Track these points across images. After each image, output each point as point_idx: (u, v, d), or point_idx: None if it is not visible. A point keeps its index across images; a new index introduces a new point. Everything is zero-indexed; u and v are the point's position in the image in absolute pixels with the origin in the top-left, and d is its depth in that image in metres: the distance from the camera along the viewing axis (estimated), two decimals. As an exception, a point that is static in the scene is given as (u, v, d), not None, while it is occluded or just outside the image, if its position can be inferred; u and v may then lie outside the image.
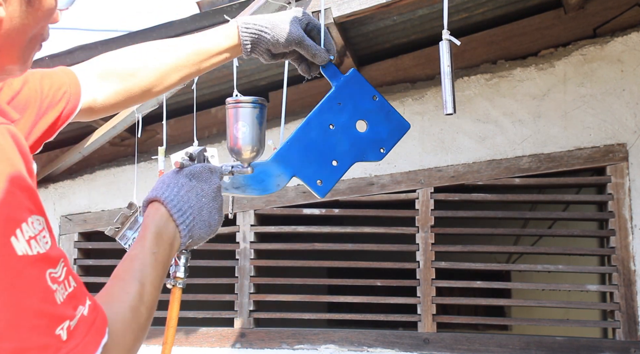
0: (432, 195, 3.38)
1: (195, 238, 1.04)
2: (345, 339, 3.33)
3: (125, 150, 3.73)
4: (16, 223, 0.69)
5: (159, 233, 0.98)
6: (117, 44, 2.97)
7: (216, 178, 1.09)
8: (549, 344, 3.21)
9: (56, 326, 0.69)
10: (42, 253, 0.70)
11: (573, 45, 3.40)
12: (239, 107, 1.12)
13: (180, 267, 1.12)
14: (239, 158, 1.15)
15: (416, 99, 3.50)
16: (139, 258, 0.93)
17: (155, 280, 0.92)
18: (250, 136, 1.13)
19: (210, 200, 1.06)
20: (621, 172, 3.26)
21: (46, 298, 0.69)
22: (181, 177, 1.05)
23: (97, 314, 0.76)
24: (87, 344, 0.73)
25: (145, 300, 0.88)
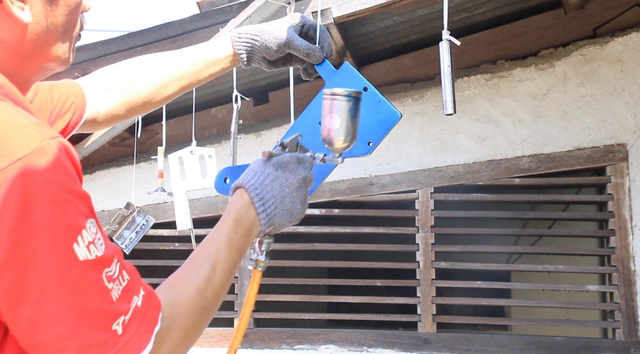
0: (432, 195, 3.38)
1: (276, 226, 1.08)
2: (345, 339, 3.33)
3: (125, 150, 3.73)
4: (77, 231, 0.74)
5: (238, 219, 1.02)
6: (117, 44, 2.97)
7: (303, 169, 1.11)
8: (549, 344, 3.21)
9: (112, 323, 0.76)
10: (100, 256, 0.76)
11: (573, 45, 3.40)
12: (334, 100, 1.14)
13: (262, 252, 1.17)
14: (331, 148, 1.17)
15: (416, 99, 3.50)
16: (215, 241, 0.97)
17: (228, 265, 0.96)
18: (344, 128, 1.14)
19: (294, 190, 1.09)
20: (621, 172, 3.26)
21: (104, 298, 0.76)
22: (269, 166, 1.08)
23: (150, 304, 0.82)
24: (141, 335, 0.79)
25: (214, 284, 0.92)
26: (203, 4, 2.96)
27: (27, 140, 0.74)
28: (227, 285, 0.96)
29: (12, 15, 0.82)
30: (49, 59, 0.88)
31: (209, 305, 0.92)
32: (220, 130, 3.60)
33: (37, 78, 0.91)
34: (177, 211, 2.50)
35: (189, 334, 0.88)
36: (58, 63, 0.90)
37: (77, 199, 0.76)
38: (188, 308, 0.88)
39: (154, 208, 3.52)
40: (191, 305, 0.88)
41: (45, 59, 0.88)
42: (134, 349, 0.78)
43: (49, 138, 0.75)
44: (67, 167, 0.76)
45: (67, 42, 0.90)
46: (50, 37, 0.87)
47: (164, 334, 0.83)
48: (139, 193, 3.11)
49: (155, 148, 3.12)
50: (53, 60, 0.89)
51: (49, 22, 0.85)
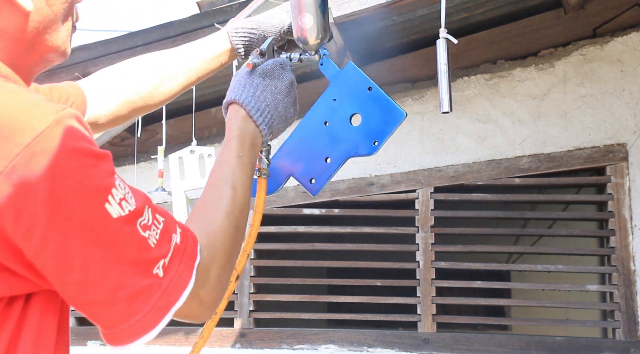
0: (432, 195, 3.38)
1: (275, 132, 1.12)
2: (345, 339, 3.33)
3: (125, 150, 3.73)
4: (107, 191, 0.78)
5: (242, 135, 1.05)
6: (117, 44, 2.97)
7: (287, 73, 1.14)
8: (549, 344, 3.21)
9: (153, 267, 0.81)
10: (132, 210, 0.80)
11: (573, 45, 3.40)
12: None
13: (263, 159, 1.18)
14: (306, 46, 1.21)
15: (416, 99, 3.50)
16: (227, 163, 1.01)
17: (245, 182, 1.01)
18: (315, 24, 1.18)
19: (284, 96, 1.12)
20: (621, 172, 3.26)
21: (142, 247, 0.80)
22: (255, 76, 1.11)
23: (187, 239, 0.86)
24: (181, 273, 0.84)
25: (238, 202, 0.97)
26: (203, 4, 2.96)
27: (44, 114, 0.76)
28: (249, 201, 1.01)
29: (14, 4, 0.84)
30: (49, 49, 0.90)
31: (240, 223, 0.97)
32: (220, 130, 3.60)
33: (38, 69, 0.93)
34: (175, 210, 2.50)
35: (230, 254, 0.93)
36: (58, 54, 0.92)
37: (101, 160, 0.79)
38: (223, 231, 0.93)
39: (154, 208, 3.52)
40: (225, 228, 0.94)
41: (46, 49, 0.90)
42: (177, 287, 0.83)
43: (61, 109, 0.78)
44: (84, 133, 0.79)
45: (66, 32, 0.92)
46: (51, 26, 0.89)
47: (209, 263, 0.88)
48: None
49: (156, 147, 3.12)
50: (53, 50, 0.91)
51: (49, 10, 0.87)
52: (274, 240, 3.61)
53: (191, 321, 0.90)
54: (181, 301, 0.83)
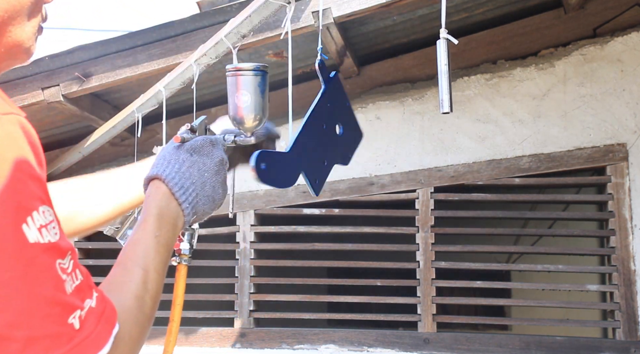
0: (432, 195, 3.38)
1: (200, 214, 1.02)
2: (345, 339, 3.33)
3: (125, 150, 3.73)
4: (27, 211, 0.69)
5: (160, 214, 0.95)
6: (117, 44, 2.97)
7: (219, 151, 1.06)
8: (549, 344, 3.21)
9: (68, 315, 0.70)
10: (53, 243, 0.70)
11: (573, 45, 3.40)
12: (240, 75, 1.09)
13: (185, 243, 1.11)
14: (242, 127, 1.12)
15: (416, 99, 3.50)
16: (141, 242, 0.91)
17: (159, 266, 0.90)
18: (253, 104, 1.10)
19: (213, 174, 1.03)
20: (621, 171, 3.26)
21: (58, 286, 0.69)
22: (182, 152, 1.03)
23: (105, 305, 0.76)
24: (99, 333, 0.73)
25: (150, 288, 0.86)
26: (203, 4, 2.96)
27: None
28: (161, 288, 0.90)
29: None
30: (13, 43, 0.84)
31: (149, 311, 0.86)
32: (220, 130, 3.60)
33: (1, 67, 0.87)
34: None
35: (135, 344, 0.81)
36: (21, 51, 0.86)
37: (30, 180, 0.70)
38: (131, 315, 0.81)
39: (154, 208, 3.52)
40: (133, 314, 0.82)
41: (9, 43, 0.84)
42: (92, 346, 0.71)
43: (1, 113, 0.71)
44: (21, 145, 0.71)
45: (32, 29, 0.86)
46: (16, 17, 0.84)
47: (118, 342, 0.76)
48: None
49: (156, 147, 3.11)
50: (17, 45, 0.85)
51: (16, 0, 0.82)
52: (274, 240, 3.61)
53: None
54: None
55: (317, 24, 2.53)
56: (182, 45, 2.84)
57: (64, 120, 3.37)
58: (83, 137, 3.39)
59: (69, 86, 3.02)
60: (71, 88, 3.01)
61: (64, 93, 3.03)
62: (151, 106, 2.84)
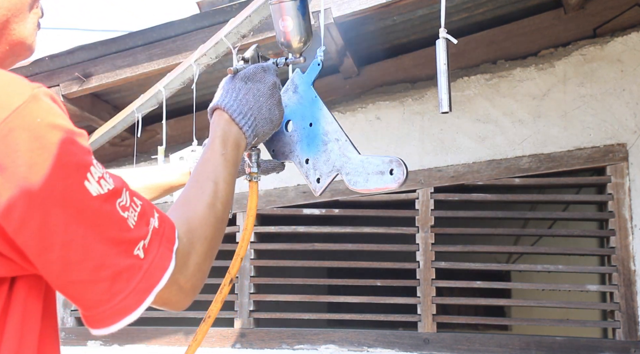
0: (432, 195, 3.38)
1: (260, 135, 1.14)
2: (345, 339, 3.33)
3: (125, 150, 3.73)
4: (86, 168, 0.77)
5: (225, 136, 1.08)
6: (117, 44, 2.97)
7: (270, 75, 1.16)
8: (549, 344, 3.21)
9: (134, 248, 0.81)
10: (111, 189, 0.80)
11: (573, 45, 3.40)
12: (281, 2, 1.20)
13: (253, 163, 1.22)
14: (290, 49, 1.23)
15: (416, 99, 3.50)
16: (210, 160, 1.04)
17: (227, 177, 1.03)
18: (297, 27, 1.21)
19: (267, 98, 1.14)
20: (621, 172, 3.26)
21: (122, 227, 0.80)
22: (237, 81, 1.14)
23: (165, 224, 0.86)
24: (162, 255, 0.84)
25: (220, 196, 0.99)
26: (203, 4, 2.96)
27: (19, 90, 0.76)
28: (231, 196, 1.03)
29: None
30: (17, 40, 0.90)
31: (221, 215, 0.98)
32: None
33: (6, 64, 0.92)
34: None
35: (210, 243, 0.94)
36: (24, 48, 0.91)
37: (79, 137, 0.78)
38: (204, 220, 0.94)
39: (154, 208, 3.53)
40: (206, 217, 0.95)
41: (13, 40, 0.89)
42: (158, 269, 0.82)
43: (36, 87, 0.78)
44: (61, 110, 0.79)
45: (32, 25, 0.91)
46: (19, 14, 0.89)
47: (188, 249, 0.89)
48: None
49: (156, 147, 3.12)
50: (20, 41, 0.90)
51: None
52: (274, 240, 3.61)
53: (169, 309, 0.89)
54: (162, 283, 0.83)
55: (317, 24, 2.53)
56: (182, 45, 2.84)
57: (64, 120, 3.37)
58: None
59: (69, 86, 3.02)
60: (71, 88, 3.02)
61: (64, 94, 3.03)
62: (151, 106, 2.84)
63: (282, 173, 1.39)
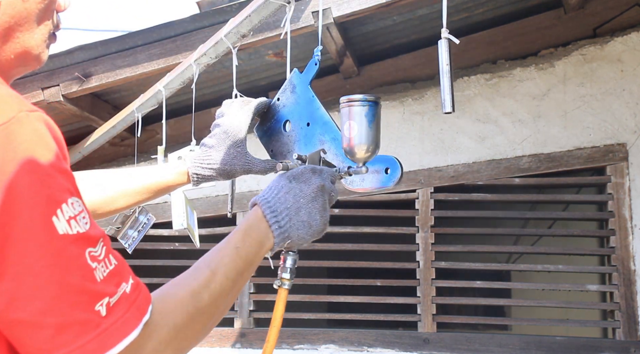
0: (432, 195, 3.38)
1: (295, 239, 1.06)
2: (345, 339, 3.33)
3: (125, 150, 3.73)
4: (57, 204, 0.72)
5: (248, 230, 1.01)
6: (117, 44, 2.97)
7: (318, 178, 1.08)
8: (549, 344, 3.21)
9: (95, 303, 0.73)
10: (82, 233, 0.74)
11: (573, 45, 3.40)
12: (351, 106, 1.10)
13: (286, 268, 1.14)
14: (353, 158, 1.14)
15: (416, 99, 3.50)
16: (220, 250, 0.96)
17: (231, 272, 0.94)
18: (363, 135, 1.11)
19: (309, 201, 1.06)
20: (621, 171, 3.26)
21: (86, 275, 0.73)
22: (282, 179, 1.07)
23: (139, 293, 0.78)
24: (127, 320, 0.75)
25: (212, 288, 0.90)
26: (203, 4, 2.96)
27: (6, 110, 0.73)
28: (228, 292, 0.93)
29: None
30: (22, 50, 0.87)
31: (205, 308, 0.88)
32: (220, 130, 3.59)
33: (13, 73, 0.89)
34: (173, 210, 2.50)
35: (179, 334, 0.83)
36: (31, 58, 0.88)
37: (58, 173, 0.74)
38: (180, 306, 0.84)
39: (154, 208, 3.52)
40: (184, 304, 0.85)
41: (18, 49, 0.86)
42: (118, 333, 0.74)
43: (27, 110, 0.74)
44: (47, 141, 0.74)
45: (42, 36, 0.89)
46: (24, 24, 0.86)
47: (152, 330, 0.79)
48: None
49: (155, 147, 3.12)
50: (26, 51, 0.87)
51: (23, 6, 0.84)
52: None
53: None
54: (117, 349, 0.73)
55: (317, 24, 2.53)
56: (182, 45, 2.84)
57: (64, 120, 3.37)
58: (83, 137, 3.39)
59: (69, 86, 3.02)
60: (71, 88, 3.02)
61: (64, 93, 3.03)
62: (151, 106, 2.84)
63: (285, 175, 1.38)
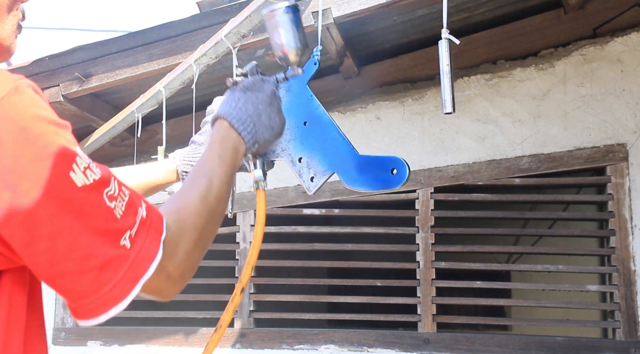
0: (432, 195, 3.38)
1: (261, 142, 1.16)
2: (345, 339, 3.33)
3: (125, 150, 3.73)
4: (71, 159, 0.78)
5: (223, 140, 1.10)
6: (117, 44, 2.97)
7: (269, 85, 1.20)
8: (549, 344, 3.21)
9: (120, 238, 0.81)
10: (98, 179, 0.80)
11: (573, 45, 3.40)
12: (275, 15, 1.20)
13: (258, 170, 1.23)
14: (288, 63, 1.23)
15: (416, 99, 3.50)
16: (206, 161, 1.06)
17: (222, 176, 1.04)
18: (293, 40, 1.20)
19: (267, 106, 1.17)
20: (621, 171, 3.26)
21: (108, 217, 0.80)
22: (236, 91, 1.18)
23: (153, 214, 0.87)
24: (149, 245, 0.84)
25: (214, 191, 1.00)
26: (203, 4, 2.96)
27: (1, 82, 0.76)
28: (225, 194, 1.03)
29: None
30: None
31: (214, 208, 0.98)
32: (220, 130, 3.59)
33: None
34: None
35: (201, 234, 0.94)
36: (3, 50, 0.91)
37: (63, 129, 0.79)
38: (194, 211, 0.94)
39: (154, 208, 3.53)
40: (197, 208, 0.95)
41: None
42: (145, 259, 0.83)
43: (18, 79, 0.78)
44: (43, 102, 0.79)
45: (11, 27, 0.91)
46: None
47: (177, 238, 0.89)
48: (139, 193, 3.11)
49: (156, 147, 3.12)
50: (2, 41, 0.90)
51: None
52: (274, 240, 3.61)
53: (158, 297, 0.89)
54: (149, 272, 0.83)
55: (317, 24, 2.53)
56: (182, 45, 2.84)
57: (64, 120, 3.37)
58: (83, 137, 3.39)
59: (69, 86, 3.02)
60: (71, 88, 3.01)
61: (64, 94, 3.03)
62: (151, 106, 2.84)
63: (282, 173, 1.39)
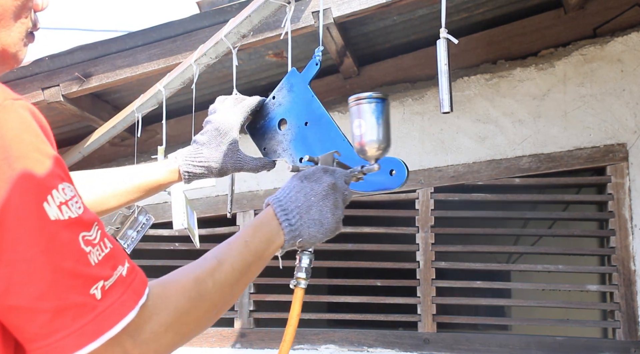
0: (432, 195, 3.38)
1: (306, 237, 1.07)
2: (345, 339, 3.33)
3: (125, 150, 3.73)
4: (47, 190, 0.72)
5: (258, 226, 1.02)
6: (117, 44, 2.97)
7: (328, 177, 1.10)
8: (549, 344, 3.21)
9: (90, 286, 0.73)
10: (75, 218, 0.74)
11: (573, 45, 3.40)
12: (359, 104, 1.11)
13: (301, 267, 1.15)
14: (365, 156, 1.13)
15: (416, 99, 3.50)
16: (229, 243, 0.97)
17: (238, 264, 0.95)
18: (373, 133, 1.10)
19: (320, 199, 1.08)
20: (621, 172, 3.26)
21: (79, 259, 0.73)
22: (295, 179, 1.10)
23: (135, 276, 0.79)
24: (124, 302, 0.76)
25: (217, 276, 0.90)
26: (203, 4, 2.96)
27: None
28: (234, 283, 0.94)
29: None
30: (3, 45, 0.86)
31: (209, 295, 0.88)
32: (220, 130, 3.59)
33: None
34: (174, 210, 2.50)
35: (180, 318, 0.83)
36: (8, 56, 0.88)
37: (47, 159, 0.74)
38: (182, 291, 0.84)
39: (154, 208, 3.53)
40: (186, 289, 0.85)
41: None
42: (114, 315, 0.74)
43: (12, 98, 0.74)
44: (34, 127, 0.74)
45: (19, 34, 0.88)
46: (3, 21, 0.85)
47: (151, 312, 0.79)
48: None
49: (156, 147, 3.12)
50: (3, 49, 0.87)
51: None
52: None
53: None
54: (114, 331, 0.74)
55: (317, 24, 2.53)
56: (182, 45, 2.84)
57: (64, 120, 3.37)
58: (83, 137, 3.39)
59: (69, 86, 3.02)
60: (71, 88, 3.02)
61: (64, 94, 3.03)
62: (151, 106, 2.84)
63: (283, 173, 1.39)
